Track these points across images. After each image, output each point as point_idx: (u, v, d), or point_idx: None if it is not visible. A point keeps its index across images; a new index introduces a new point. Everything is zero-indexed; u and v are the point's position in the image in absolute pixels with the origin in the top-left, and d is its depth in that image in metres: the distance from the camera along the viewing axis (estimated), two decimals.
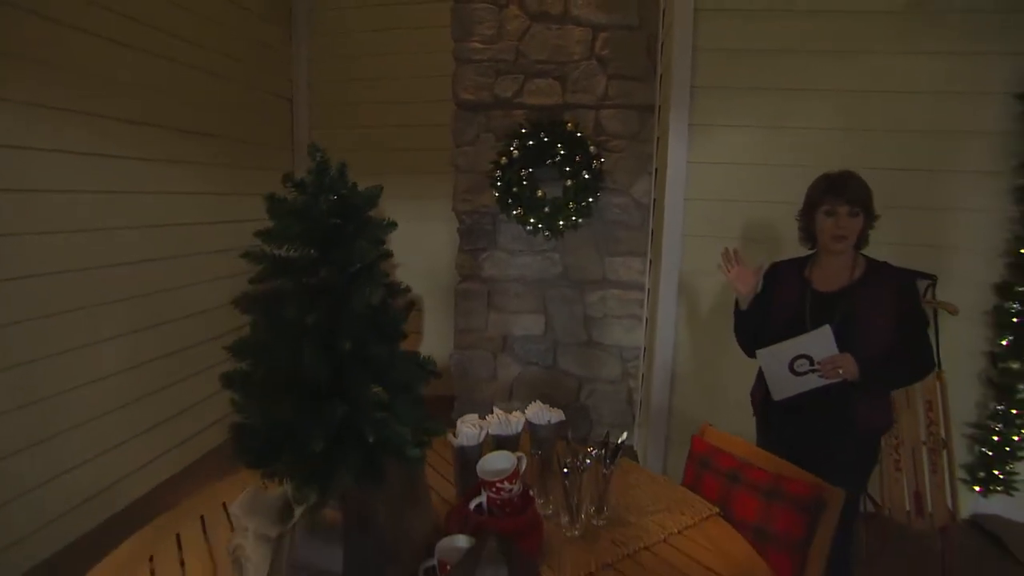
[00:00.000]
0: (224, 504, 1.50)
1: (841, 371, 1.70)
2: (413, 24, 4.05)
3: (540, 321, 3.55)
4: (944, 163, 2.72)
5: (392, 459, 1.06)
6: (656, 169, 3.19)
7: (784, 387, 1.81)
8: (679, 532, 1.42)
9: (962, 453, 2.89)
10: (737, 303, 1.97)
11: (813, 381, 1.74)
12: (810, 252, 1.94)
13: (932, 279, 2.75)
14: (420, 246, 3.80)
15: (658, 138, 3.15)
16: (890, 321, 1.75)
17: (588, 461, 1.38)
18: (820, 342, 1.71)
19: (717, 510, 1.51)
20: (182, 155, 3.16)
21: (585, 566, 1.27)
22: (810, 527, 1.47)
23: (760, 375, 1.96)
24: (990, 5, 2.54)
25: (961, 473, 2.90)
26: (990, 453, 2.79)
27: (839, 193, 1.77)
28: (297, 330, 0.99)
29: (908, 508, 2.59)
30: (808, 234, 1.90)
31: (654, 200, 3.22)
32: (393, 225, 1.10)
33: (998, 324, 2.73)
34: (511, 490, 1.25)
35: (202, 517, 1.46)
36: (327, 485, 0.99)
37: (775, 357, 1.79)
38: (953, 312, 2.68)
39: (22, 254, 2.30)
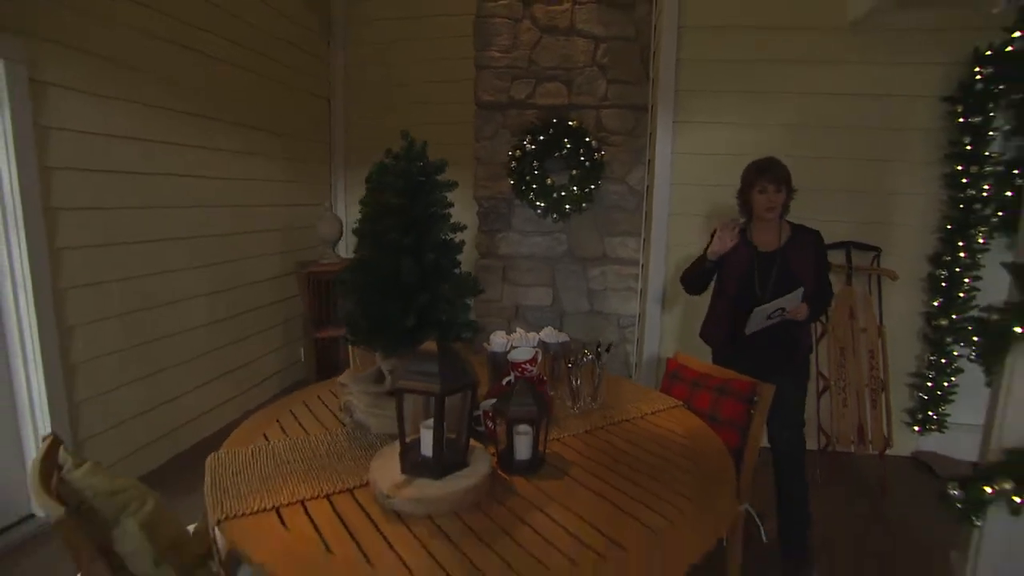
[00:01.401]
0: (318, 396, 2.06)
1: (799, 315, 2.22)
2: (438, 34, 4.60)
3: (548, 293, 4.10)
4: (888, 154, 3.26)
5: (454, 336, 1.61)
6: (649, 160, 3.73)
7: (757, 326, 2.25)
8: (652, 413, 1.97)
9: (904, 399, 3.42)
10: (706, 257, 2.39)
11: (772, 322, 2.24)
12: (745, 221, 2.44)
13: (877, 250, 3.30)
14: None
15: (650, 133, 3.68)
16: (812, 269, 2.30)
17: (586, 359, 1.93)
18: (795, 299, 2.20)
19: (681, 403, 2.06)
20: (240, 146, 3.71)
21: (582, 428, 1.82)
22: (748, 412, 2.01)
23: (710, 319, 2.52)
24: (920, 25, 3.07)
25: (904, 416, 3.43)
26: (926, 398, 3.32)
27: (767, 176, 2.27)
28: (397, 249, 1.54)
29: (853, 439, 3.13)
30: (745, 208, 2.41)
31: (647, 187, 3.76)
32: (455, 183, 1.66)
33: (931, 288, 3.27)
34: (532, 371, 1.80)
35: (304, 403, 2.02)
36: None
37: (764, 310, 2.19)
38: (893, 278, 3.23)
39: (140, 223, 2.88)
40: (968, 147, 3.07)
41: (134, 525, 1.23)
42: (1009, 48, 2.83)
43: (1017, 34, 1.71)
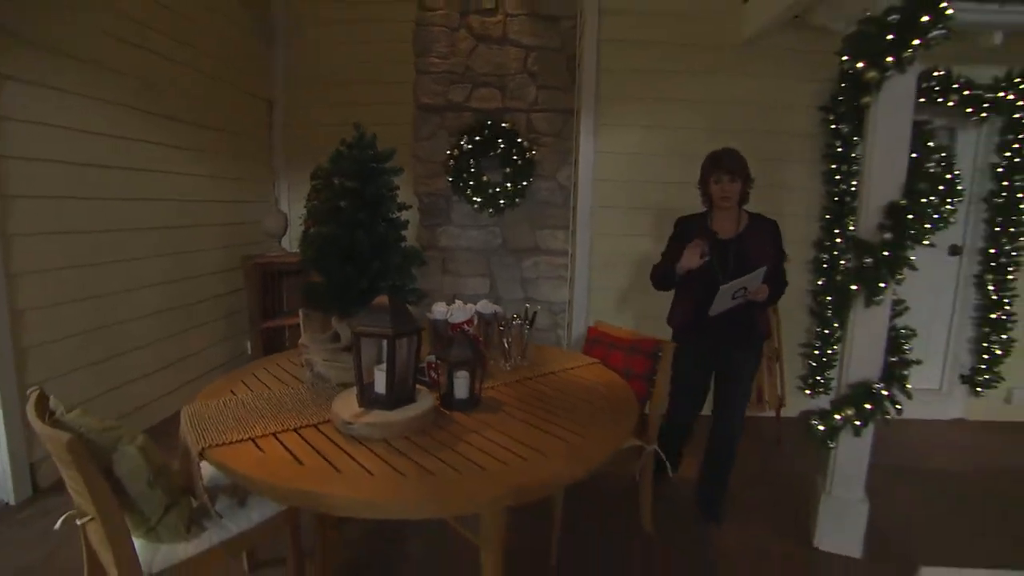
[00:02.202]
0: (276, 364, 2.29)
1: (760, 296, 2.35)
2: (378, 38, 4.84)
3: (486, 283, 4.41)
4: (777, 154, 3.76)
5: (402, 299, 1.90)
6: (575, 159, 4.11)
7: (722, 307, 2.34)
8: (572, 368, 2.31)
9: (797, 367, 3.93)
10: (669, 267, 2.48)
11: (736, 303, 2.34)
12: (704, 210, 2.58)
13: None
14: None
15: (576, 135, 4.07)
16: (769, 254, 2.42)
17: (515, 322, 2.26)
18: (757, 279, 2.29)
19: (599, 361, 2.42)
20: (183, 142, 3.82)
21: (513, 378, 2.14)
22: (654, 366, 2.39)
23: (675, 305, 2.65)
24: (801, 46, 3.59)
25: (797, 382, 3.95)
26: (815, 364, 3.84)
27: (721, 166, 2.40)
28: (352, 224, 1.82)
29: (753, 400, 3.59)
30: (706, 197, 2.52)
31: (574, 183, 4.14)
32: (401, 169, 1.94)
33: (815, 269, 3.80)
34: (469, 331, 2.10)
35: (263, 368, 2.24)
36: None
37: (730, 288, 2.27)
38: (787, 260, 3.72)
39: (89, 214, 2.99)
40: (839, 149, 3.61)
41: (133, 448, 1.44)
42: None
43: (845, 58, 2.15)
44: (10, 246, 2.61)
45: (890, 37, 2.09)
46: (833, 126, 3.61)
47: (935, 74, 3.67)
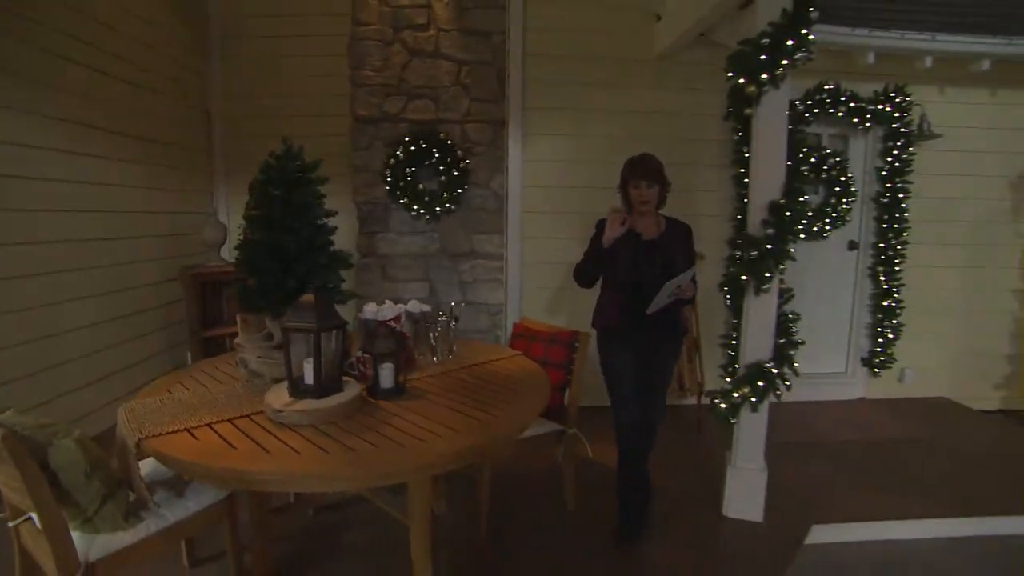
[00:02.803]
0: (215, 367, 2.39)
1: (688, 294, 2.44)
2: (314, 52, 4.94)
3: (425, 287, 4.56)
4: (691, 159, 4.08)
5: (331, 299, 2.05)
6: (506, 167, 4.32)
7: (659, 304, 2.38)
8: (496, 360, 2.50)
9: (717, 356, 4.24)
10: (596, 245, 2.51)
11: (670, 300, 2.40)
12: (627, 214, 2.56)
13: None
14: None
15: (507, 144, 4.28)
16: (685, 256, 2.53)
17: (441, 319, 2.43)
18: (687, 278, 2.38)
19: (521, 353, 2.62)
20: (118, 154, 3.83)
21: (439, 370, 2.31)
22: (570, 355, 2.61)
23: (601, 308, 2.65)
24: (705, 60, 3.92)
25: (718, 371, 4.26)
26: (732, 353, 4.16)
27: (638, 172, 2.46)
28: (280, 228, 1.96)
29: (674, 388, 3.87)
30: (626, 201, 2.56)
31: (506, 190, 4.36)
32: (327, 179, 2.10)
33: (731, 266, 4.11)
34: (397, 328, 2.27)
35: (201, 370, 2.34)
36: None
37: (671, 285, 2.32)
38: (701, 258, 4.03)
39: (18, 226, 3.00)
40: (746, 155, 3.94)
41: (69, 441, 1.54)
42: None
43: (730, 74, 2.45)
44: None
45: (763, 57, 2.38)
46: (738, 134, 3.95)
47: (826, 87, 4.07)
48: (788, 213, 2.45)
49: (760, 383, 2.55)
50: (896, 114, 4.11)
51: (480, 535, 2.51)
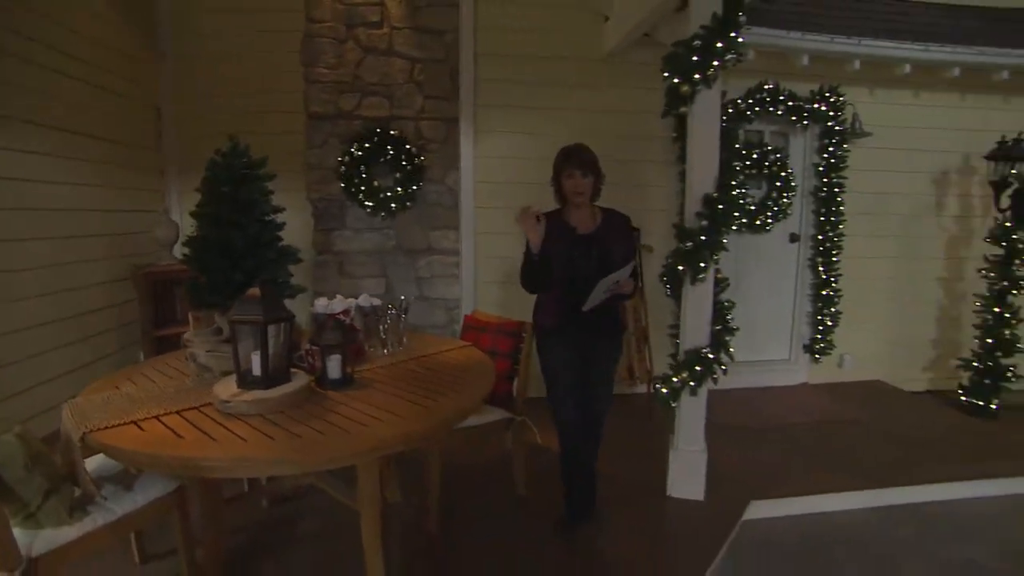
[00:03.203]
0: (166, 363, 2.40)
1: (626, 289, 2.37)
2: (267, 48, 4.89)
3: (382, 283, 4.59)
4: (639, 156, 4.22)
5: (280, 293, 2.09)
6: (460, 164, 4.39)
7: (596, 300, 2.34)
8: (445, 351, 2.57)
9: (667, 346, 4.39)
10: (529, 254, 2.40)
11: (607, 296, 2.36)
12: (560, 207, 2.54)
13: (638, 230, 4.23)
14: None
15: (460, 141, 4.35)
16: (624, 249, 2.46)
17: (391, 312, 2.49)
18: (626, 272, 2.32)
19: (470, 344, 2.70)
20: (64, 151, 3.76)
21: (388, 361, 2.37)
22: (517, 345, 2.70)
23: (540, 305, 2.58)
24: (649, 60, 4.05)
25: (668, 360, 4.40)
26: (679, 342, 4.31)
27: (573, 162, 2.38)
28: (228, 224, 1.99)
29: (624, 376, 4.01)
30: (559, 193, 2.49)
31: (460, 187, 4.42)
32: (274, 175, 2.14)
33: None
34: (346, 321, 2.32)
35: (151, 367, 2.35)
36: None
37: (607, 281, 2.27)
38: (650, 251, 4.18)
39: None
40: None
41: (9, 436, 1.55)
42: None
43: (666, 74, 2.58)
44: None
45: (695, 58, 2.51)
46: (675, 133, 4.10)
47: (766, 87, 4.26)
48: (721, 206, 2.60)
49: (698, 368, 2.69)
50: (831, 113, 4.33)
51: (431, 522, 2.58)
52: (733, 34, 2.49)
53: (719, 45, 2.48)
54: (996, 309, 4.20)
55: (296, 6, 4.34)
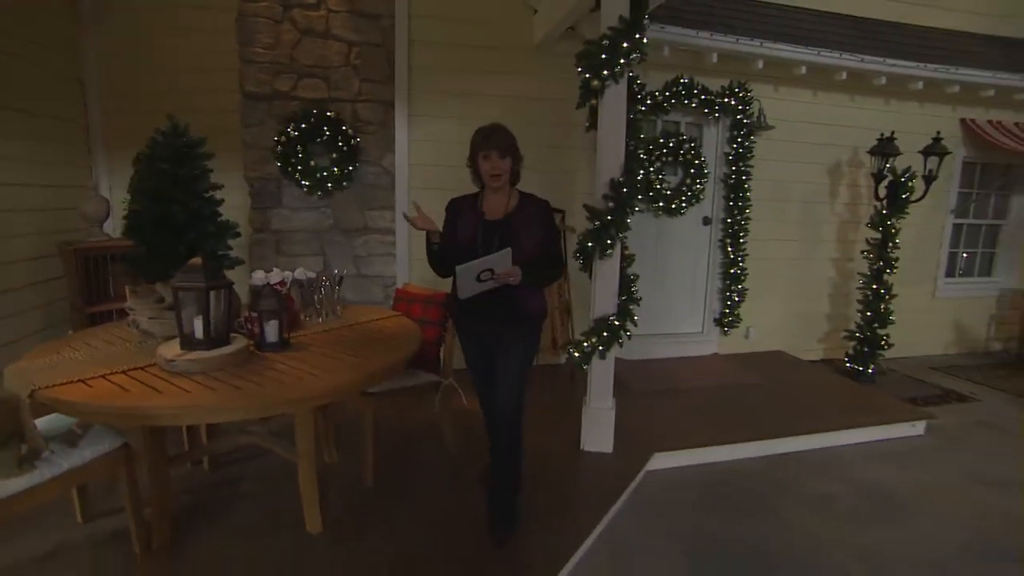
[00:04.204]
0: (105, 330, 2.52)
1: (511, 279, 2.19)
2: (201, 27, 4.87)
3: (320, 261, 4.72)
4: (564, 142, 4.51)
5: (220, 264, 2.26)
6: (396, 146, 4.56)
7: (469, 291, 2.22)
8: (376, 320, 2.80)
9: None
10: (428, 244, 2.41)
11: (488, 285, 2.22)
12: (478, 190, 2.47)
13: (563, 212, 4.54)
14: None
15: (396, 124, 4.51)
16: (537, 235, 2.32)
17: (325, 283, 2.69)
18: (502, 260, 2.16)
19: (401, 314, 2.93)
20: None
21: (323, 328, 2.58)
22: (446, 314, 2.95)
23: (453, 291, 2.35)
24: (574, 51, 4.33)
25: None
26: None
27: (490, 142, 2.28)
28: (168, 199, 2.14)
29: (548, 345, 4.34)
30: (476, 176, 2.39)
31: (395, 168, 4.60)
32: (212, 154, 2.29)
33: None
34: (283, 291, 2.51)
35: (90, 335, 2.47)
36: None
37: (469, 271, 2.16)
38: (574, 231, 4.49)
39: None
40: None
41: None
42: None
43: (579, 69, 2.88)
44: None
45: (604, 56, 2.80)
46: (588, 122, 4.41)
47: (681, 81, 4.63)
48: (626, 189, 2.91)
49: (606, 334, 3.02)
50: (739, 107, 4.75)
51: (366, 477, 2.81)
52: (638, 35, 2.79)
53: (625, 45, 2.77)
54: (874, 286, 4.77)
55: None
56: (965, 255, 6.09)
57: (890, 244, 4.65)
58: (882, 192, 4.74)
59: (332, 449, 3.00)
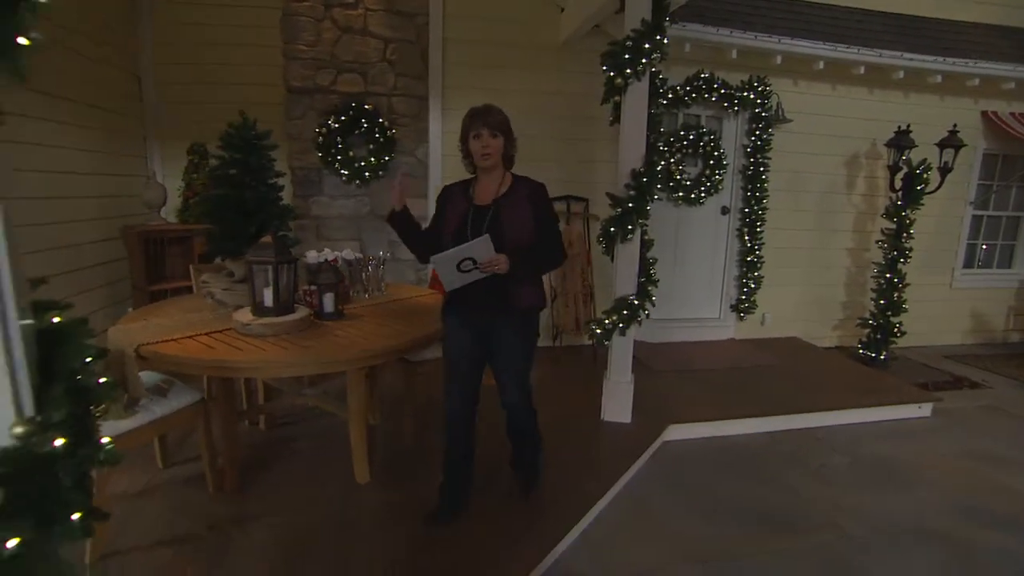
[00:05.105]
0: (177, 303, 2.85)
1: (496, 268, 2.06)
2: (246, 23, 5.19)
3: (357, 246, 5.03)
4: (589, 135, 4.75)
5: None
6: (429, 138, 4.84)
7: (452, 282, 2.12)
8: (415, 297, 3.10)
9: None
10: (392, 214, 2.34)
11: (474, 276, 2.09)
12: (472, 176, 2.36)
13: (586, 200, 4.79)
14: None
15: (429, 118, 4.79)
16: (528, 221, 2.18)
17: (371, 263, 2.99)
18: (482, 248, 2.03)
19: (436, 291, 3.22)
20: (59, 117, 4.06)
21: (371, 303, 2.88)
22: None
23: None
24: (600, 48, 4.56)
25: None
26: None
27: (480, 120, 2.18)
28: (241, 185, 2.45)
29: (573, 328, 4.60)
30: (468, 158, 2.28)
31: (428, 159, 4.88)
32: (276, 145, 2.59)
33: None
34: (335, 265, 2.81)
35: (164, 307, 2.80)
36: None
37: (446, 261, 2.05)
38: (597, 219, 4.73)
39: None
40: None
41: None
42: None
43: (604, 68, 3.11)
44: None
45: (627, 56, 3.03)
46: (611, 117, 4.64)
47: (702, 76, 4.82)
48: (646, 179, 3.15)
49: (626, 312, 3.27)
50: (758, 101, 4.93)
51: (406, 437, 3.12)
52: (659, 37, 3.01)
53: (647, 46, 3.00)
54: (888, 275, 4.93)
55: None
56: (984, 247, 6.18)
57: (904, 234, 4.80)
58: (897, 184, 4.88)
59: (376, 412, 3.32)
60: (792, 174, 5.24)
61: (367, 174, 4.79)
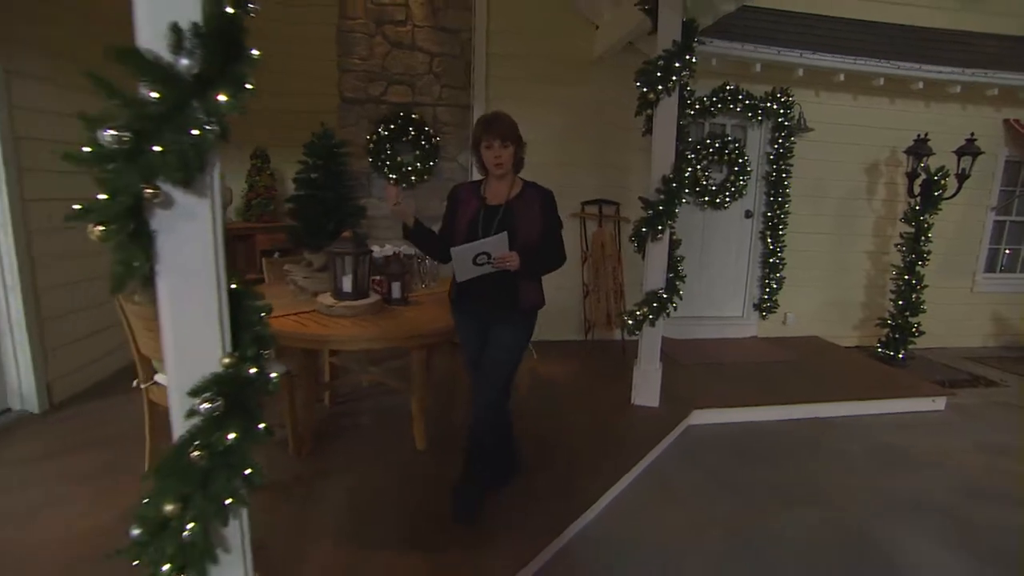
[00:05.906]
0: (264, 288, 3.26)
1: (509, 264, 2.19)
2: (301, 38, 5.62)
3: (405, 244, 5.44)
4: (626, 146, 5.07)
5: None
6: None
7: (466, 273, 2.26)
8: None
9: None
10: (406, 233, 2.49)
11: (486, 270, 2.24)
12: (483, 178, 2.47)
13: (618, 204, 5.12)
14: None
15: (471, 126, 5.16)
16: (538, 223, 2.32)
17: (425, 262, 3.37)
18: (498, 244, 2.18)
19: None
20: None
21: (427, 292, 3.26)
22: None
23: (454, 280, 2.40)
24: (632, 64, 4.89)
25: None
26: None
27: (491, 131, 2.24)
28: (323, 187, 2.84)
29: (604, 323, 4.93)
30: (480, 164, 2.38)
31: (470, 164, 5.25)
32: (351, 153, 2.98)
33: None
34: (401, 260, 3.20)
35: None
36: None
37: (465, 253, 2.19)
38: (628, 222, 5.06)
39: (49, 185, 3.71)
40: None
41: None
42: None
43: (638, 84, 3.44)
44: (28, 211, 3.34)
45: (659, 74, 3.36)
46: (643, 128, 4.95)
47: (727, 87, 5.12)
48: (675, 184, 3.47)
49: (655, 304, 3.59)
50: (781, 111, 5.20)
51: (456, 414, 3.48)
52: (688, 56, 3.34)
53: (677, 65, 3.32)
54: (906, 277, 5.15)
55: (330, 1, 5.06)
56: (1007, 251, 6.32)
57: (923, 238, 5.02)
58: (916, 190, 5.11)
59: (429, 398, 3.68)
60: (814, 180, 5.50)
61: (413, 178, 5.17)
